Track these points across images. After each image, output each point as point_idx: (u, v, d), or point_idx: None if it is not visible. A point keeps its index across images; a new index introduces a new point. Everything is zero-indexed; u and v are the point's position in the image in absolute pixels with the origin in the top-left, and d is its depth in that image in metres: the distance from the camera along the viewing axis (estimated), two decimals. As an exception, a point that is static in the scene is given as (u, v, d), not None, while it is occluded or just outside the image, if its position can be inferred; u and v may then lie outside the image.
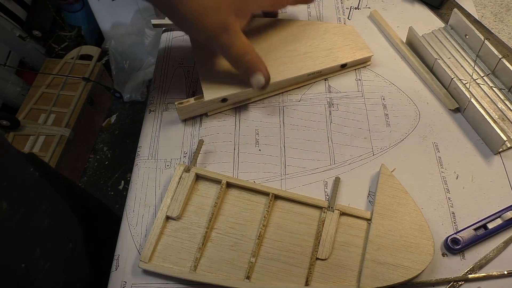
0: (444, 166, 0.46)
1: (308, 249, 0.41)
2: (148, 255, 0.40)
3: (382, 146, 0.48)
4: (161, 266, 0.40)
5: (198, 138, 0.49)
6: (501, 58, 0.48)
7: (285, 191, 0.44)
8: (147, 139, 0.50)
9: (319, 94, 0.53)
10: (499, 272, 0.40)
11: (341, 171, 0.47)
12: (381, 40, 0.57)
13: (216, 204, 0.43)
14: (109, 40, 1.46)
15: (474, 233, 0.41)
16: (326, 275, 0.40)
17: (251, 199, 0.44)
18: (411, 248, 0.40)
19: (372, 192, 0.45)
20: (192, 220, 0.43)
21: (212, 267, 0.41)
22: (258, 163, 0.48)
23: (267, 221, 0.43)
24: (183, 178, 0.44)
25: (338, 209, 0.42)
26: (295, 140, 0.49)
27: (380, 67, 0.54)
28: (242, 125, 0.51)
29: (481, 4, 0.60)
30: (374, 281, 0.39)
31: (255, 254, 0.41)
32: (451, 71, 0.51)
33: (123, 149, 1.51)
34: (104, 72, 1.51)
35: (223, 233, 0.42)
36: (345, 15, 0.60)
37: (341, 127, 0.50)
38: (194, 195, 0.45)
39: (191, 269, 0.40)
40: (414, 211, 0.42)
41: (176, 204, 0.43)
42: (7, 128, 1.25)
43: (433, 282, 0.40)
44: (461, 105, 0.49)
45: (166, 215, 0.43)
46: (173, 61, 0.57)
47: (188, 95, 0.53)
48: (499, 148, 0.46)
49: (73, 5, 1.48)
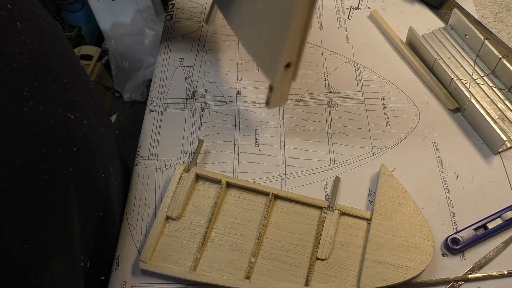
0: (444, 166, 0.46)
1: (308, 249, 0.41)
2: (148, 255, 0.40)
3: (382, 146, 0.48)
4: (161, 266, 0.40)
5: (198, 138, 0.49)
6: (501, 58, 0.48)
7: (285, 191, 0.44)
8: (147, 139, 0.50)
9: (319, 94, 0.52)
10: (499, 272, 0.40)
11: (341, 171, 0.47)
12: (381, 40, 0.57)
13: (216, 204, 0.43)
14: (109, 40, 1.46)
15: (474, 233, 0.41)
16: (326, 275, 0.40)
17: (251, 199, 0.44)
18: (411, 248, 0.40)
19: (372, 192, 0.45)
20: (192, 220, 0.43)
21: (212, 267, 0.41)
22: (258, 163, 0.48)
23: (267, 221, 0.43)
24: (183, 178, 0.44)
25: (338, 209, 0.42)
26: (295, 140, 0.49)
27: (380, 67, 0.54)
28: (242, 125, 0.51)
29: (481, 4, 0.60)
30: (374, 281, 0.39)
31: (255, 254, 0.41)
32: (451, 71, 0.51)
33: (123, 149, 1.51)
34: (104, 72, 1.51)
35: (223, 233, 0.42)
36: (345, 15, 0.60)
37: (341, 127, 0.50)
38: (194, 195, 0.45)
39: (191, 269, 0.40)
40: (414, 211, 0.42)
41: (176, 204, 0.43)
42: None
43: (433, 282, 0.40)
44: (461, 105, 0.49)
45: (166, 215, 0.42)
46: (173, 61, 0.57)
47: (188, 95, 0.53)
48: (499, 148, 0.46)
49: (73, 5, 1.48)
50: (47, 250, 0.30)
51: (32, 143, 0.27)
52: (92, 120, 0.36)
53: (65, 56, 0.34)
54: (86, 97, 0.36)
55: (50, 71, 0.30)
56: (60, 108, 0.31)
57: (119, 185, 0.44)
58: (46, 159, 0.29)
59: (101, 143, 0.38)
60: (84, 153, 0.34)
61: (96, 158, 0.37)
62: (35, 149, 0.27)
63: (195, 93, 0.54)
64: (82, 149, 0.33)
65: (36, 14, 0.31)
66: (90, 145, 0.35)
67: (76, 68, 0.37)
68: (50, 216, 0.30)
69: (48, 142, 0.29)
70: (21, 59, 0.27)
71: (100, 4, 1.42)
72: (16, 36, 0.27)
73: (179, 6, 0.63)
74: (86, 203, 0.35)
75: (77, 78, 0.36)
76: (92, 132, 0.36)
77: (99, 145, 0.37)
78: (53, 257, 0.30)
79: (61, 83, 0.32)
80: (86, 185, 0.35)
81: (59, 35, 0.34)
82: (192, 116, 0.52)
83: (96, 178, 0.37)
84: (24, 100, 0.27)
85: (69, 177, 0.31)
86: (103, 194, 0.38)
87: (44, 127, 0.28)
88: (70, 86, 0.33)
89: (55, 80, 0.31)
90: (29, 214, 0.27)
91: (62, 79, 0.32)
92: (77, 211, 0.33)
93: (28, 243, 0.27)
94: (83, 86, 0.37)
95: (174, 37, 0.60)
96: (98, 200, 0.38)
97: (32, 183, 0.27)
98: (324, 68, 0.55)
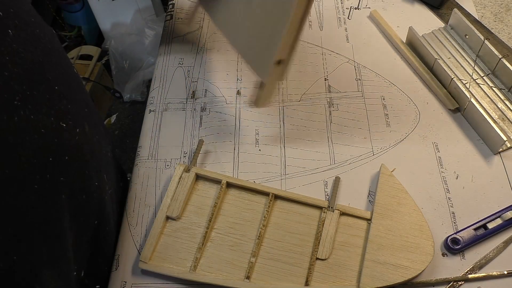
0: (444, 166, 0.46)
1: (308, 249, 0.41)
2: (148, 255, 0.40)
3: (382, 146, 0.48)
4: (161, 266, 0.40)
5: (198, 138, 0.49)
6: (501, 58, 0.48)
7: (285, 191, 0.44)
8: (147, 139, 0.50)
9: (319, 94, 0.52)
10: (499, 272, 0.40)
11: (341, 171, 0.47)
12: (381, 40, 0.57)
13: (216, 204, 0.43)
14: (109, 40, 1.46)
15: (474, 233, 0.41)
16: (326, 275, 0.40)
17: (251, 199, 0.44)
18: (411, 248, 0.40)
19: (372, 192, 0.45)
20: (192, 220, 0.43)
21: (212, 267, 0.41)
22: (258, 163, 0.48)
23: (267, 221, 0.43)
24: (183, 178, 0.44)
25: (338, 209, 0.42)
26: (295, 140, 0.49)
27: (380, 67, 0.54)
28: (242, 125, 0.51)
29: (481, 4, 0.60)
30: (374, 281, 0.39)
31: (255, 254, 0.41)
32: (451, 71, 0.51)
33: (123, 149, 1.51)
34: (104, 72, 1.51)
35: (223, 233, 0.42)
36: (345, 15, 0.60)
37: (341, 127, 0.50)
38: (194, 195, 0.45)
39: (191, 269, 0.40)
40: (414, 211, 0.42)
41: (176, 204, 0.43)
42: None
43: (433, 282, 0.40)
44: (461, 105, 0.49)
45: (166, 215, 0.42)
46: (173, 61, 0.57)
47: (188, 95, 0.53)
48: (499, 148, 0.46)
49: (73, 5, 1.48)
50: (38, 263, 0.29)
51: (23, 154, 0.26)
52: (86, 128, 0.35)
53: (59, 64, 0.34)
54: (80, 105, 0.36)
55: (43, 80, 0.30)
56: (52, 117, 0.30)
57: (114, 192, 0.43)
58: (37, 170, 0.28)
59: (95, 152, 0.38)
60: (76, 162, 0.33)
61: (90, 167, 0.36)
62: (26, 160, 0.27)
63: (195, 93, 0.54)
64: (74, 158, 0.33)
65: (29, 22, 0.31)
66: (83, 154, 0.35)
67: (71, 76, 0.36)
68: (41, 228, 0.29)
69: (40, 152, 0.28)
70: (13, 68, 0.26)
71: (100, 4, 1.42)
72: (8, 45, 0.27)
73: (179, 6, 0.63)
74: (80, 213, 0.34)
75: (71, 87, 0.35)
76: (85, 141, 0.35)
77: (93, 153, 0.37)
78: (45, 270, 0.29)
79: (54, 92, 0.31)
80: (79, 194, 0.34)
81: (54, 43, 0.34)
82: (192, 116, 0.52)
83: (89, 187, 0.36)
84: (15, 109, 0.26)
85: (61, 187, 0.31)
86: (98, 203, 0.38)
87: (36, 137, 0.28)
88: (64, 94, 0.32)
89: (48, 89, 0.30)
90: (19, 227, 0.26)
91: (55, 88, 0.31)
92: (70, 222, 0.32)
93: (18, 256, 0.26)
94: (77, 94, 0.36)
95: (174, 37, 0.60)
96: (92, 210, 0.37)
97: (23, 195, 0.27)
98: (324, 68, 0.55)
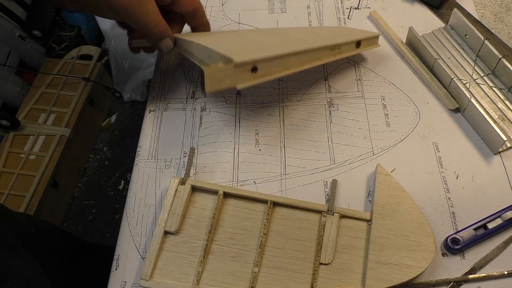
0: (444, 166, 0.46)
1: (310, 254, 0.41)
2: (148, 272, 0.39)
3: (382, 146, 0.48)
4: (163, 283, 0.39)
5: (198, 138, 0.49)
6: (501, 58, 0.48)
7: (283, 198, 0.43)
8: (147, 139, 0.50)
9: (319, 94, 0.53)
10: (499, 272, 0.40)
11: (341, 171, 0.47)
12: (381, 40, 0.57)
13: (215, 215, 0.42)
14: (109, 40, 1.46)
15: (474, 233, 0.41)
16: (331, 280, 0.39)
17: (249, 208, 0.44)
18: (413, 246, 0.40)
19: (372, 192, 0.45)
20: (191, 233, 0.42)
21: (215, 280, 0.40)
22: (258, 163, 0.48)
23: (268, 229, 0.42)
24: (179, 191, 0.43)
25: (337, 212, 0.42)
26: (295, 140, 0.49)
27: (380, 67, 0.54)
28: (242, 125, 0.51)
29: (481, 4, 0.60)
30: (379, 282, 0.38)
31: (257, 263, 0.40)
32: (451, 71, 0.51)
33: (123, 149, 1.51)
34: (104, 72, 1.51)
35: (223, 244, 0.42)
36: (345, 15, 0.60)
37: (341, 127, 0.50)
38: (191, 208, 0.44)
39: (194, 284, 0.39)
40: (413, 209, 0.42)
41: (174, 218, 0.42)
42: (7, 128, 1.25)
43: (433, 283, 0.39)
44: (461, 105, 0.49)
45: (164, 230, 0.42)
46: (173, 61, 0.57)
47: (188, 95, 0.53)
48: (499, 148, 0.46)
49: (73, 5, 1.48)
50: None
51: None
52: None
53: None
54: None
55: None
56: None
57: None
58: None
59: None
60: None
61: None
62: None
63: (195, 93, 0.54)
64: None
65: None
66: None
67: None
68: None
69: None
70: None
71: (100, 4, 1.41)
72: None
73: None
74: None
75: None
76: None
77: None
78: None
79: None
80: None
81: None
82: (192, 116, 0.52)
83: None
84: None
85: None
86: None
87: None
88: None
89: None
90: None
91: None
92: None
93: None
94: None
95: (174, 37, 0.60)
96: None
97: None
98: (324, 68, 0.55)
